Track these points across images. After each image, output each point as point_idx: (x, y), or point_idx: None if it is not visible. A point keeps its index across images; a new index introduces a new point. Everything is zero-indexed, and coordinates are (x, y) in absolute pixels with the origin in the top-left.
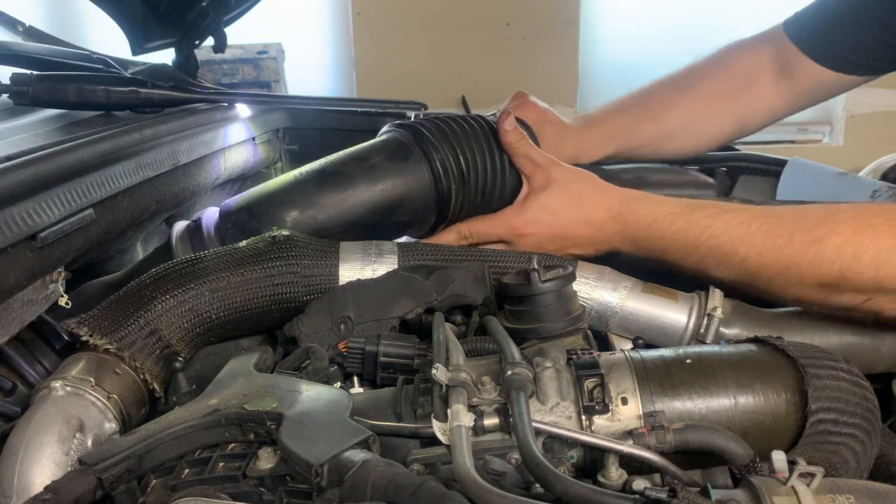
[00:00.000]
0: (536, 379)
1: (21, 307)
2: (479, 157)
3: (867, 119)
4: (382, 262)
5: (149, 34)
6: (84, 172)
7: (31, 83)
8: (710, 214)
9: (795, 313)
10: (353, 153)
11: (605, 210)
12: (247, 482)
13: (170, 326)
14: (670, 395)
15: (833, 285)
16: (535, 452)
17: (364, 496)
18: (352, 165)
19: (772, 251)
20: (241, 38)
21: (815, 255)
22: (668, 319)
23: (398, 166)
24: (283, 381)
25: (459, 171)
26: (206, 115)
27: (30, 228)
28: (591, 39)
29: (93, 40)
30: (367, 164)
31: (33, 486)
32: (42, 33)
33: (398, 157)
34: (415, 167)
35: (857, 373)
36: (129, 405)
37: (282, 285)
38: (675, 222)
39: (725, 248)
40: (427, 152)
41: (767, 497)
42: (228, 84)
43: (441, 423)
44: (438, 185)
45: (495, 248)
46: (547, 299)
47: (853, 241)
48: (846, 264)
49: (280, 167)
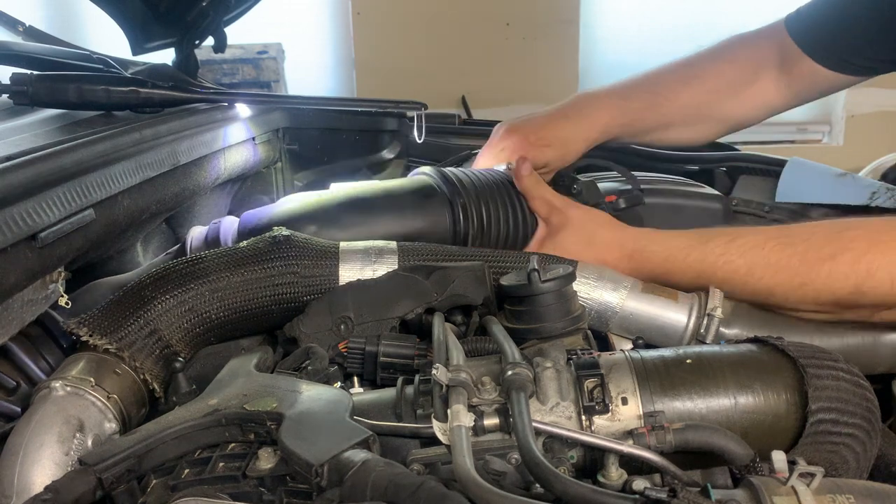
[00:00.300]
0: (536, 379)
1: (21, 307)
2: (501, 208)
3: (867, 119)
4: (382, 262)
5: (149, 34)
6: (84, 172)
7: (31, 83)
8: (724, 242)
9: None
10: (382, 185)
11: (618, 249)
12: (247, 482)
13: (170, 326)
14: (670, 396)
15: (849, 300)
16: (535, 452)
17: (364, 496)
18: (377, 194)
19: (786, 270)
20: (241, 38)
21: (829, 271)
22: (669, 319)
23: (421, 203)
24: (283, 382)
25: (479, 219)
26: (206, 115)
27: (30, 228)
28: (591, 39)
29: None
30: (392, 195)
31: (33, 486)
32: (42, 33)
33: (422, 195)
34: (437, 207)
35: (857, 373)
36: (129, 405)
37: (282, 285)
38: (690, 254)
39: (741, 272)
40: (451, 196)
41: (767, 497)
42: (228, 84)
43: (441, 423)
44: (456, 228)
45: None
46: (547, 299)
47: (866, 257)
48: (860, 279)
49: (280, 167)
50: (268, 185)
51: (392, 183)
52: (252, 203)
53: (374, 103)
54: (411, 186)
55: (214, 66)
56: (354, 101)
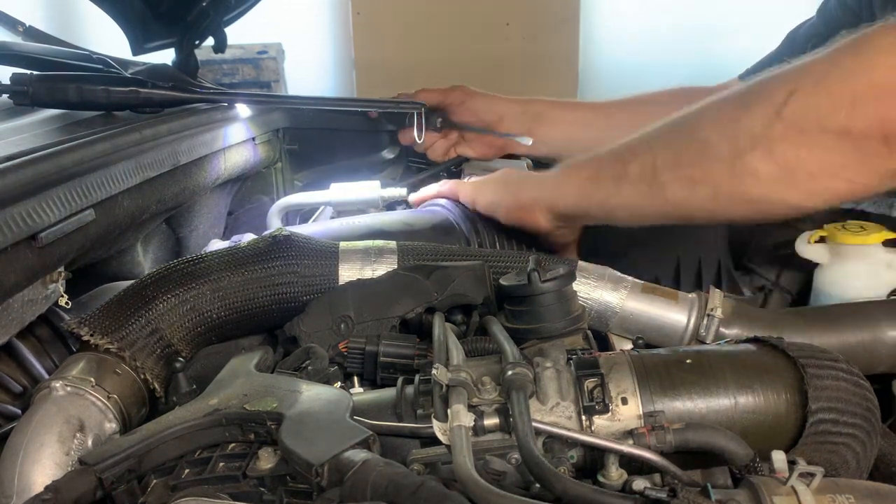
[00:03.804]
0: (536, 379)
1: (21, 307)
2: (517, 247)
3: None
4: (382, 262)
5: (149, 34)
6: (84, 172)
7: (31, 83)
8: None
9: (795, 313)
10: (400, 218)
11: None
12: (247, 482)
13: (171, 326)
14: (670, 395)
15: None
16: (535, 452)
17: (364, 496)
18: (396, 228)
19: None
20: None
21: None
22: (669, 319)
23: (437, 238)
24: (283, 381)
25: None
26: (206, 115)
27: (30, 228)
28: (591, 39)
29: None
30: (411, 228)
31: (34, 486)
32: (42, 33)
33: (440, 230)
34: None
35: (857, 373)
36: (129, 405)
37: (282, 285)
38: (592, 200)
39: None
40: (468, 234)
41: (767, 497)
42: (228, 84)
43: (441, 423)
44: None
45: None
46: (547, 299)
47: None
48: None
49: (280, 167)
50: (268, 185)
51: (410, 216)
52: (252, 203)
53: (373, 103)
54: (431, 222)
55: (214, 66)
56: (354, 101)
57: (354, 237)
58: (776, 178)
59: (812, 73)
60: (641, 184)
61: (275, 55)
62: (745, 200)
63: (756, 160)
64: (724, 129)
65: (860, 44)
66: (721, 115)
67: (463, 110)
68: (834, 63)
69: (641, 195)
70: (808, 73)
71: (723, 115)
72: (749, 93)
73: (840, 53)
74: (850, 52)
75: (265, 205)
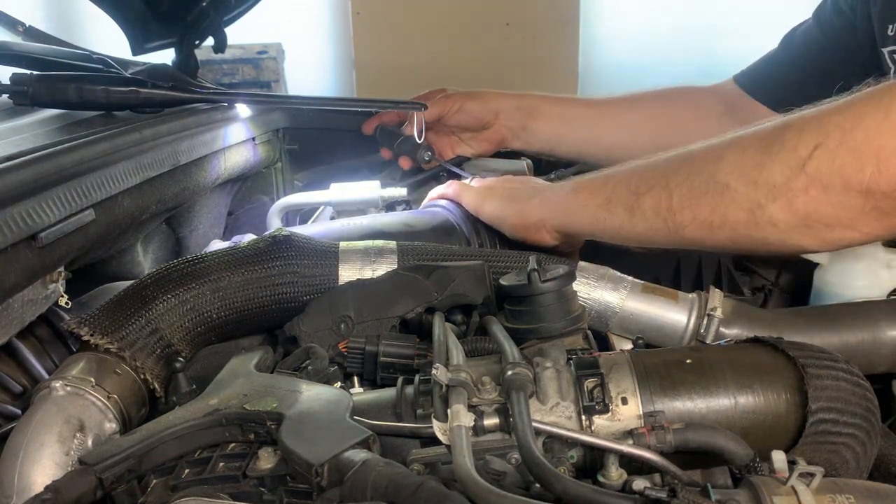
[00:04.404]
0: (536, 379)
1: (21, 307)
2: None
3: None
4: (382, 262)
5: (149, 34)
6: (84, 172)
7: (31, 83)
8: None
9: (795, 313)
10: (401, 218)
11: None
12: (247, 482)
13: (171, 326)
14: (670, 396)
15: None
16: (535, 452)
17: (364, 496)
18: (397, 229)
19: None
20: (241, 38)
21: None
22: (669, 319)
23: (438, 239)
24: (283, 381)
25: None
26: (206, 115)
27: (30, 228)
28: (591, 39)
29: (93, 40)
30: (411, 228)
31: (34, 486)
32: (42, 33)
33: (441, 231)
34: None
35: (857, 373)
36: (129, 405)
37: (282, 285)
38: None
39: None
40: (469, 235)
41: (767, 497)
42: (228, 84)
43: (441, 423)
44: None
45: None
46: (547, 299)
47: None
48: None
49: (280, 167)
50: (268, 185)
51: (410, 217)
52: (252, 203)
53: (374, 103)
54: (431, 222)
55: (214, 66)
56: (354, 101)
57: (354, 237)
58: (794, 226)
59: (837, 127)
60: (656, 219)
61: (275, 55)
62: (763, 244)
63: (777, 211)
64: (745, 176)
65: (885, 99)
66: (743, 159)
67: (460, 115)
68: (859, 117)
69: (656, 231)
70: (834, 126)
71: (745, 159)
72: (772, 140)
73: (864, 106)
74: (872, 106)
75: (265, 205)
